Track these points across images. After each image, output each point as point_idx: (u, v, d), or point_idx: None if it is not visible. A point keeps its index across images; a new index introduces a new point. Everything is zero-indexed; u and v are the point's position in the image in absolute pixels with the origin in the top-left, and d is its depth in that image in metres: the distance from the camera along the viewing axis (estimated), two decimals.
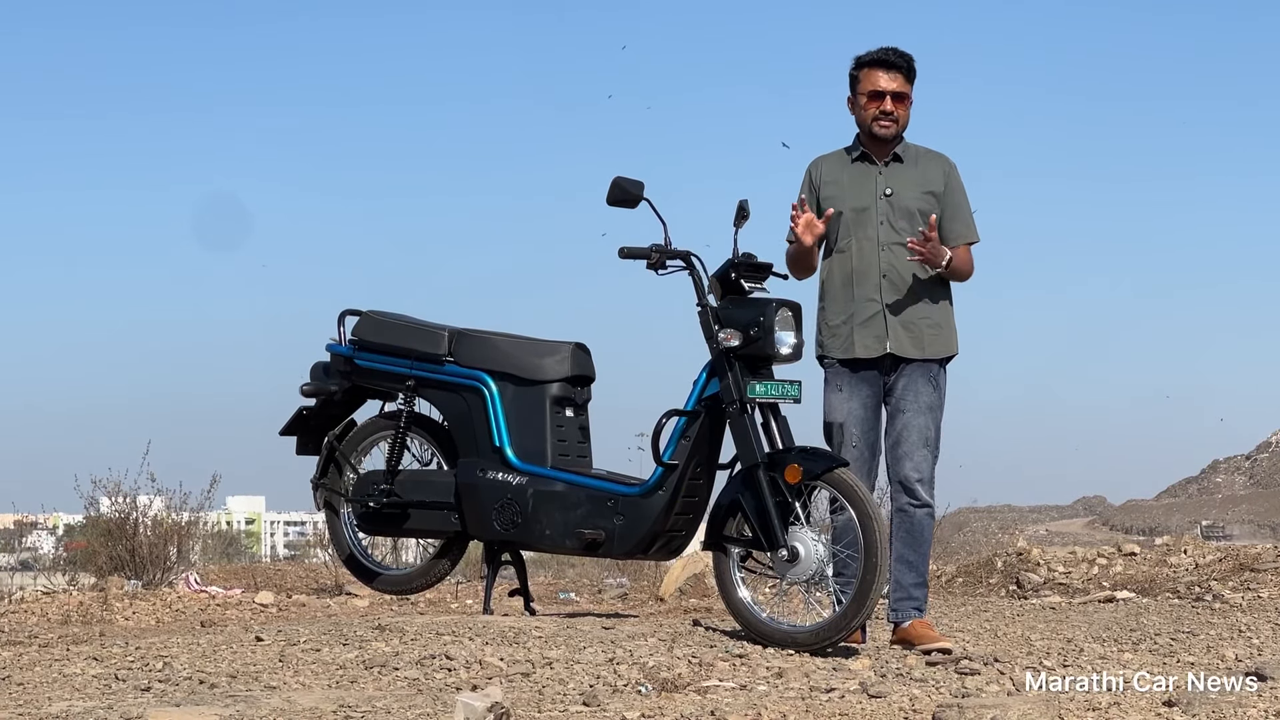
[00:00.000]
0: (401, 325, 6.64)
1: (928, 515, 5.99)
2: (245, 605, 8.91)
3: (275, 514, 78.79)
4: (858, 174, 6.05)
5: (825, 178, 6.07)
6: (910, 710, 4.51)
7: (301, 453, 6.96)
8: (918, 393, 5.96)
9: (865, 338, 5.95)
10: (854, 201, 6.00)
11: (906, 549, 5.93)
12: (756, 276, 5.89)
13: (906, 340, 5.95)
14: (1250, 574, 9.12)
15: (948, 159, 6.11)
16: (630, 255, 5.97)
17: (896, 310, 5.94)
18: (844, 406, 5.96)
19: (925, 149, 6.12)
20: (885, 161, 6.05)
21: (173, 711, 4.28)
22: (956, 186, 6.08)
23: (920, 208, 5.99)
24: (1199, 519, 69.28)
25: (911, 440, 5.94)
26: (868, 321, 5.95)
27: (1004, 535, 42.80)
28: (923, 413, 5.95)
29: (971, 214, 6.09)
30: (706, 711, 4.41)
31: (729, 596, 5.81)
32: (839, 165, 6.10)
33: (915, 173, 6.04)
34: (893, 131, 6.02)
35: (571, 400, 6.41)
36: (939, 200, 6.03)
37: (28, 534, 18.09)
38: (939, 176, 6.06)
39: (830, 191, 6.03)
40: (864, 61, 6.04)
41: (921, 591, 5.98)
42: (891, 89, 5.99)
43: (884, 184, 6.02)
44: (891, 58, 6.00)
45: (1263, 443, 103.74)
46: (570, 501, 6.20)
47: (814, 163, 6.15)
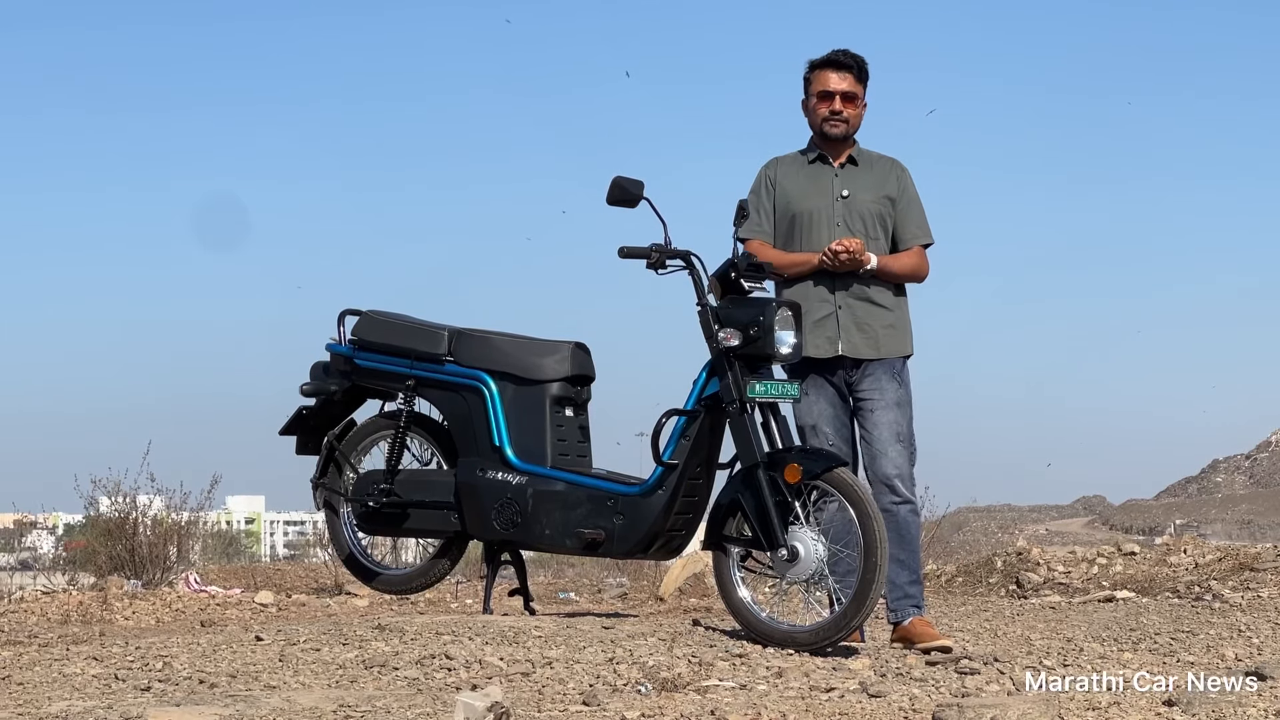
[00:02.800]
0: (401, 325, 6.64)
1: (911, 512, 6.01)
2: (245, 605, 8.91)
3: (275, 514, 78.79)
4: (814, 175, 6.12)
5: (781, 178, 6.13)
6: (910, 710, 4.51)
7: (301, 452, 6.96)
8: (883, 389, 5.99)
9: (817, 338, 5.98)
10: (809, 203, 6.06)
11: (895, 548, 5.93)
12: (756, 276, 5.89)
13: (861, 341, 6.00)
14: (1250, 573, 9.11)
15: (900, 163, 6.21)
16: (630, 255, 5.97)
17: (850, 312, 5.99)
18: (813, 408, 6.00)
19: (878, 154, 6.21)
20: (841, 164, 6.10)
21: (173, 711, 4.27)
22: (910, 190, 6.17)
23: (876, 211, 6.08)
24: (1199, 518, 69.30)
25: (884, 437, 5.96)
26: (820, 322, 5.99)
27: (1004, 535, 42.87)
28: (891, 408, 5.98)
29: (924, 216, 6.18)
30: (706, 711, 4.41)
31: (729, 596, 5.81)
32: (795, 166, 6.16)
33: (870, 176, 6.13)
34: (842, 131, 6.08)
35: (571, 400, 6.41)
36: (893, 204, 6.10)
37: (27, 533, 18.07)
38: (893, 181, 6.15)
39: (786, 192, 6.10)
40: (815, 64, 6.14)
41: (917, 589, 5.99)
42: (841, 89, 6.07)
43: (840, 186, 6.09)
44: (841, 58, 6.10)
45: (1262, 442, 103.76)
46: (570, 501, 6.20)
47: (770, 163, 6.21)
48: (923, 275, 6.16)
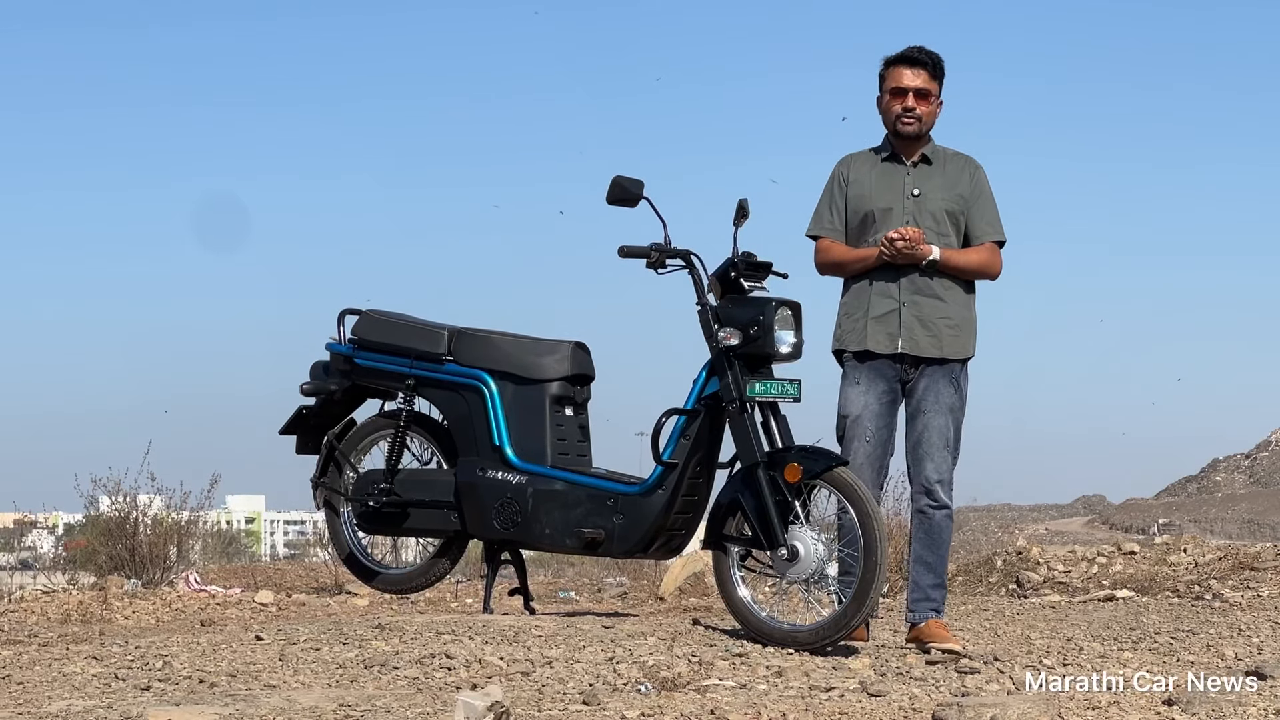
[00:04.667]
0: (401, 324, 6.64)
1: (946, 517, 5.97)
2: (245, 604, 8.90)
3: (275, 513, 78.83)
4: (886, 173, 6.04)
5: (853, 176, 6.06)
6: (910, 709, 4.51)
7: (301, 452, 6.97)
8: (939, 394, 5.93)
9: (878, 333, 5.93)
10: (881, 201, 5.99)
11: (925, 550, 5.92)
12: (756, 275, 5.89)
13: (925, 339, 5.92)
14: (1250, 573, 9.12)
15: (974, 161, 6.11)
16: (630, 254, 5.97)
17: (915, 309, 5.91)
18: (860, 400, 5.93)
19: (953, 151, 6.11)
20: (914, 162, 6.04)
21: (172, 710, 4.27)
22: (982, 188, 6.07)
23: (948, 209, 5.99)
24: (1199, 518, 69.28)
25: (932, 442, 5.91)
26: (883, 317, 5.93)
27: (1004, 534, 42.85)
28: (943, 413, 5.93)
29: (997, 213, 6.08)
30: (706, 710, 4.41)
31: (729, 595, 5.81)
32: (867, 164, 6.08)
33: (943, 175, 6.04)
34: (915, 129, 6.00)
35: (571, 399, 6.42)
36: (966, 202, 6.03)
37: (27, 533, 18.05)
38: (966, 179, 6.05)
39: (858, 190, 6.03)
40: (890, 60, 6.03)
41: (940, 593, 5.96)
42: (915, 86, 5.98)
43: (912, 185, 6.01)
44: (916, 54, 5.99)
45: (1262, 442, 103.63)
46: (570, 500, 6.20)
47: (843, 160, 6.13)
48: (994, 272, 6.06)
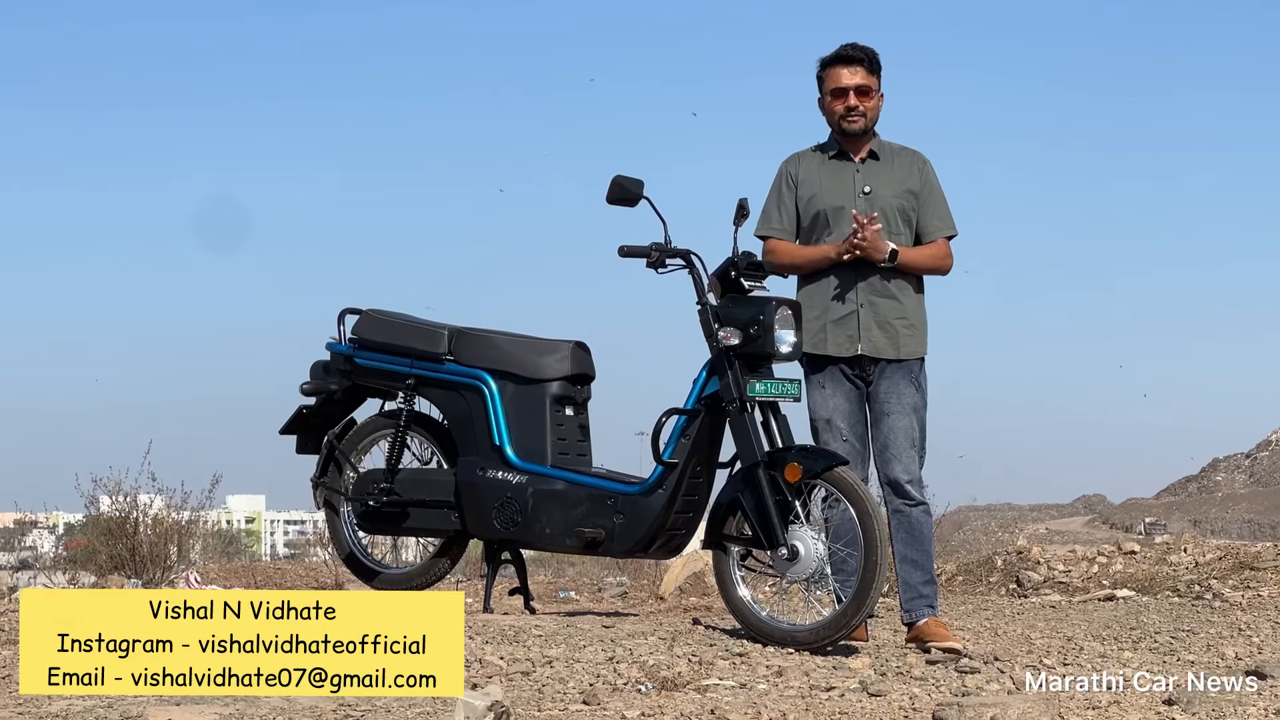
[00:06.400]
0: (401, 324, 6.64)
1: (924, 512, 5.98)
2: None
3: (275, 513, 78.85)
4: (835, 171, 6.05)
5: (802, 175, 6.06)
6: (910, 709, 4.51)
7: (301, 451, 6.97)
8: (901, 394, 5.94)
9: (838, 336, 5.94)
10: (832, 200, 6.00)
11: (908, 548, 5.93)
12: (756, 275, 5.89)
13: (882, 340, 5.94)
14: (1250, 572, 9.11)
15: (921, 155, 6.11)
16: (630, 254, 5.97)
17: (873, 311, 5.93)
18: (829, 402, 5.96)
19: (899, 146, 6.12)
20: (862, 159, 6.05)
21: (173, 710, 4.27)
22: (932, 182, 6.08)
23: (898, 206, 5.99)
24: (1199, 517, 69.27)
25: (899, 443, 5.93)
26: (842, 320, 5.94)
27: (1004, 533, 42.80)
28: (907, 414, 5.94)
29: (948, 208, 6.09)
30: (706, 710, 4.41)
31: (729, 595, 5.81)
32: (815, 163, 6.08)
33: (892, 171, 6.04)
34: (861, 125, 6.00)
35: (571, 399, 6.42)
36: (917, 198, 6.03)
37: (28, 533, 18.06)
38: (915, 174, 6.06)
39: (808, 190, 6.03)
40: (826, 61, 6.05)
41: (931, 589, 5.97)
42: (854, 84, 5.99)
43: (862, 182, 6.01)
44: (850, 53, 6.00)
45: (1262, 441, 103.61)
46: (570, 500, 6.20)
47: (790, 159, 6.12)
48: (946, 268, 6.07)
